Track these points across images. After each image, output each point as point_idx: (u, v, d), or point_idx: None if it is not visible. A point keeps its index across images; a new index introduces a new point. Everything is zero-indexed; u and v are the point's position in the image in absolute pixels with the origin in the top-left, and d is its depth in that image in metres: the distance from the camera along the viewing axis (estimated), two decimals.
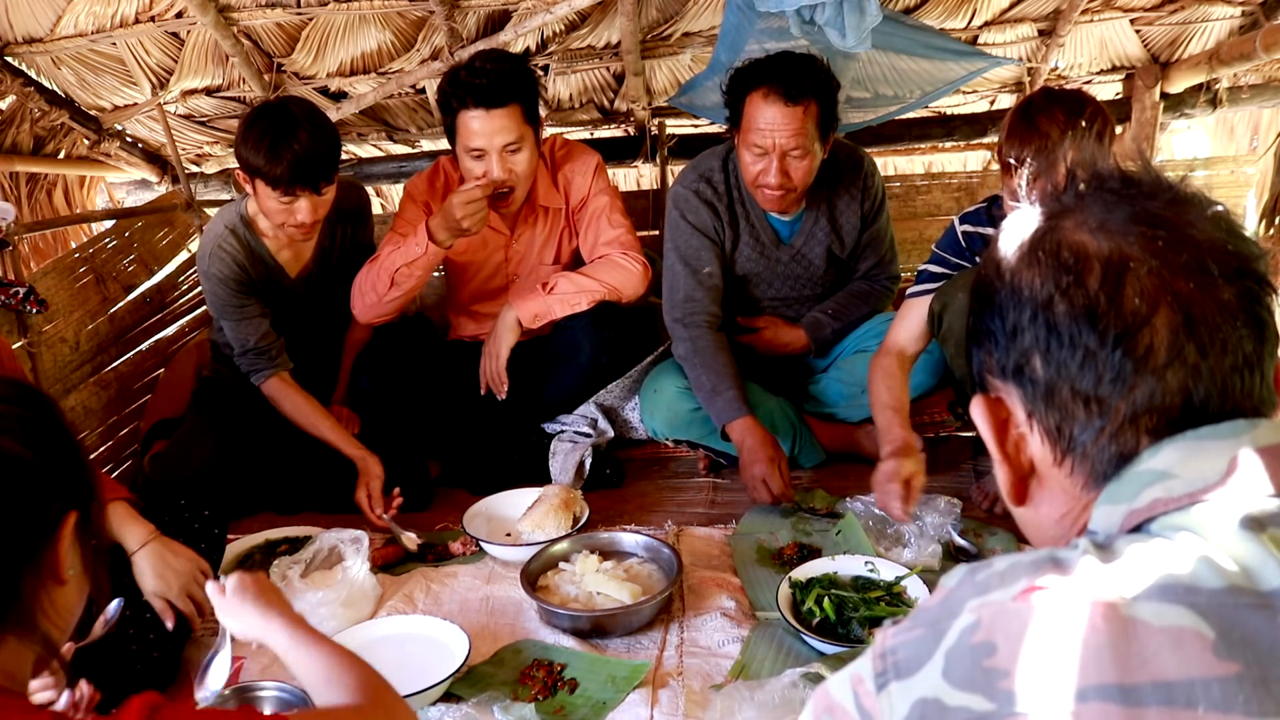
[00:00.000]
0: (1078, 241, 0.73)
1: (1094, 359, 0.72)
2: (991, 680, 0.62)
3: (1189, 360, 0.70)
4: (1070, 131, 1.84)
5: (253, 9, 2.99)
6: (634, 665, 1.69)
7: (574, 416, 2.65)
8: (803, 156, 2.28)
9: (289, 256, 2.57)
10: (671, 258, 2.50)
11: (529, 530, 2.14)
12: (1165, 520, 0.67)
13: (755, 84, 2.26)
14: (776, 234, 2.53)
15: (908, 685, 0.66)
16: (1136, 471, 0.71)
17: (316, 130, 2.29)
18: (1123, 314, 0.70)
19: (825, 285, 2.64)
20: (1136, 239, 0.72)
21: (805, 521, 2.21)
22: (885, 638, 0.70)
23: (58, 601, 0.97)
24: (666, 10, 3.13)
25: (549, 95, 3.50)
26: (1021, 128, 1.90)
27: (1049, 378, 0.74)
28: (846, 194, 2.53)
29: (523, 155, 2.47)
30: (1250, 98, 3.42)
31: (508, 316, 2.55)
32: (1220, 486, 0.66)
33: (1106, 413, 0.72)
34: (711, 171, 2.49)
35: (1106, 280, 0.71)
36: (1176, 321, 0.70)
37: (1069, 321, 0.72)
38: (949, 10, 3.15)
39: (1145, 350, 0.70)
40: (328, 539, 1.99)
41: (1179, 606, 0.60)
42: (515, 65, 2.46)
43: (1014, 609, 0.64)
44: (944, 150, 3.92)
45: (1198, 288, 0.70)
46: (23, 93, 3.12)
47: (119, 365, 3.02)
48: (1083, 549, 0.66)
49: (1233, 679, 0.57)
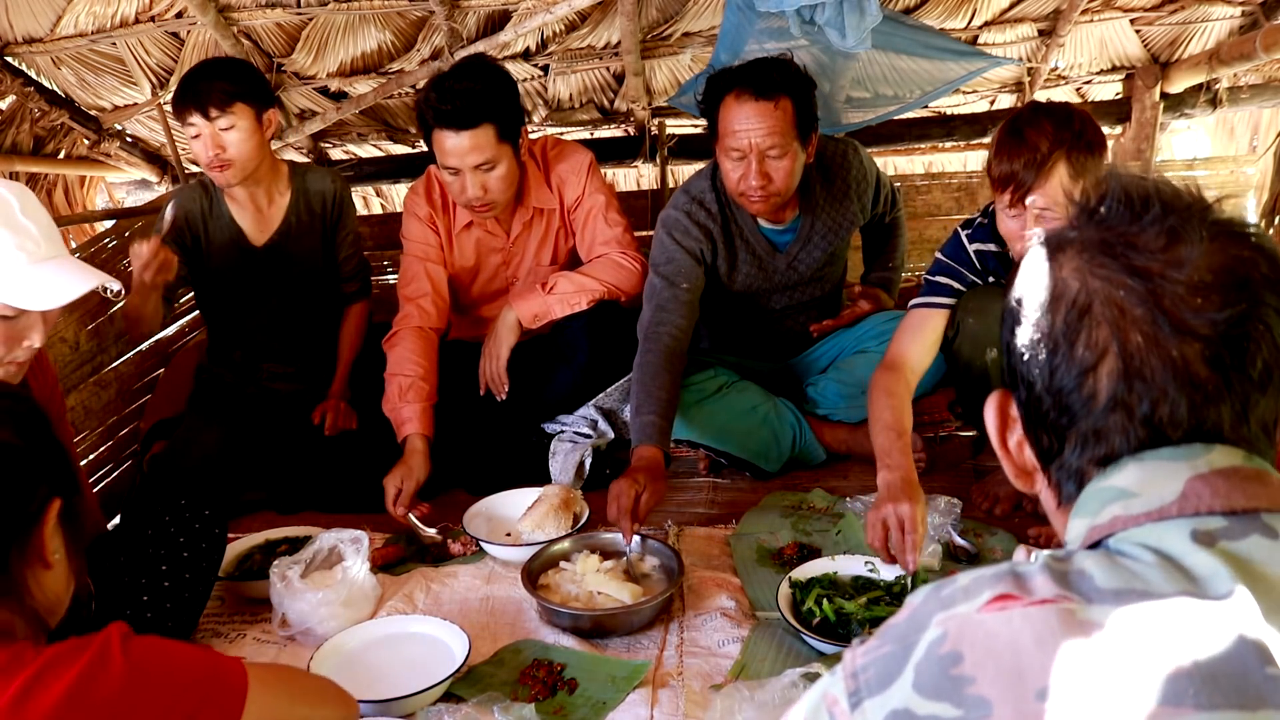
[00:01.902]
0: (1060, 278, 0.78)
1: (1051, 390, 0.77)
2: (959, 687, 0.65)
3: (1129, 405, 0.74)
4: (1060, 144, 1.81)
5: (253, 9, 3.00)
6: (634, 665, 1.69)
7: (574, 417, 2.65)
8: (781, 156, 2.23)
9: (252, 223, 2.65)
10: (651, 274, 2.46)
11: (529, 530, 2.14)
12: (1123, 535, 0.72)
13: (727, 88, 2.23)
14: (772, 245, 2.49)
15: (881, 700, 0.69)
16: (1100, 488, 0.75)
17: (219, 62, 2.43)
18: (1073, 356, 0.75)
19: (824, 289, 2.64)
20: (1102, 286, 0.75)
21: (805, 521, 2.21)
22: (855, 657, 0.73)
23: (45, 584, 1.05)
24: (666, 10, 3.13)
25: (549, 95, 3.50)
26: (1010, 142, 1.87)
27: (1026, 394, 0.81)
28: (841, 192, 2.51)
29: (496, 173, 2.43)
30: (1250, 98, 3.42)
31: (508, 317, 2.55)
32: (1175, 506, 0.71)
33: (1062, 438, 0.78)
34: (703, 193, 2.44)
35: (1068, 321, 0.76)
36: (1118, 371, 0.74)
37: (1035, 352, 0.78)
38: (949, 10, 3.15)
39: (1088, 394, 0.75)
40: (328, 539, 1.99)
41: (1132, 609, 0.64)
42: (488, 83, 2.38)
43: (978, 620, 0.67)
44: (944, 150, 3.92)
45: (1145, 340, 0.73)
46: (23, 93, 3.13)
47: (119, 365, 3.02)
48: (1041, 562, 0.70)
49: (1182, 675, 0.61)
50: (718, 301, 2.57)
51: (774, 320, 2.64)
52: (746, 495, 2.41)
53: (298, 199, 2.67)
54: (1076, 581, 0.67)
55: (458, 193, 2.48)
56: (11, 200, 1.58)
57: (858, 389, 2.54)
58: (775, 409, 2.52)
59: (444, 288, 2.66)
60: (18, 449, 1.02)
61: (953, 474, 2.43)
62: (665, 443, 2.18)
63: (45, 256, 1.61)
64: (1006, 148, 1.87)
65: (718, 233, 2.45)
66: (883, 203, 2.64)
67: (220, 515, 1.99)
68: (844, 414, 2.57)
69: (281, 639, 1.86)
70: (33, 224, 1.60)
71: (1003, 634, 0.65)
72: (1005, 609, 0.66)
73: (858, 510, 2.14)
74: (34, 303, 1.58)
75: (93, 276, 1.66)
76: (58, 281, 1.61)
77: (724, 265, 2.49)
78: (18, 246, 1.57)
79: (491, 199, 2.48)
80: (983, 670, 0.64)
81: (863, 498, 2.19)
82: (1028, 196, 1.85)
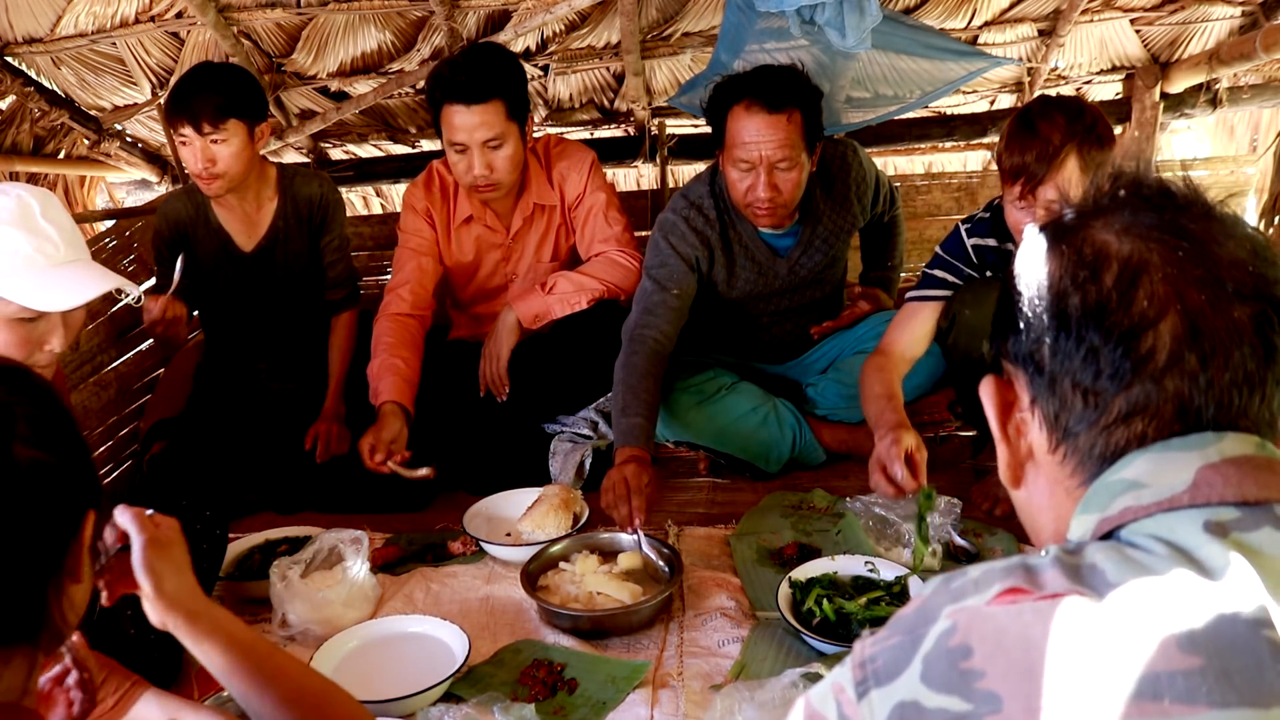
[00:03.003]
0: (1101, 240, 0.76)
1: (1097, 354, 0.74)
2: (968, 681, 0.64)
3: (1188, 369, 0.72)
4: (1071, 136, 1.83)
5: (253, 9, 3.00)
6: (634, 665, 1.69)
7: (574, 418, 2.65)
8: (790, 168, 2.23)
9: (240, 229, 2.62)
10: (644, 276, 2.45)
11: (529, 530, 2.14)
12: (1134, 527, 0.70)
13: (736, 98, 2.21)
14: (772, 250, 2.48)
15: (888, 691, 0.68)
16: (1109, 481, 0.74)
17: (215, 72, 2.39)
18: (1130, 314, 0.72)
19: (824, 291, 2.63)
20: (1158, 246, 0.74)
21: (805, 521, 2.21)
22: (864, 647, 0.72)
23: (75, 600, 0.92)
24: (666, 10, 3.13)
25: (549, 95, 3.50)
26: (1022, 134, 1.88)
27: (1054, 368, 0.77)
28: (842, 195, 2.50)
29: (504, 151, 2.46)
30: (1250, 98, 3.42)
31: (508, 318, 2.55)
32: (1187, 495, 0.69)
33: (1102, 407, 0.74)
34: (701, 199, 2.43)
35: (1121, 280, 0.73)
36: (1181, 330, 0.71)
37: (1080, 315, 0.75)
38: (949, 10, 3.15)
39: (1147, 352, 0.72)
40: (328, 539, 1.99)
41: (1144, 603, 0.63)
42: (499, 61, 2.44)
43: (988, 613, 0.66)
44: (944, 150, 3.92)
45: (1209, 301, 0.71)
46: (23, 93, 3.13)
47: (119, 365, 3.02)
48: (1053, 555, 0.69)
49: (1196, 672, 0.60)
50: (718, 305, 2.57)
51: (774, 323, 2.64)
52: (746, 495, 2.41)
53: (285, 204, 2.64)
54: (1088, 575, 0.66)
55: (463, 172, 2.48)
56: (33, 204, 1.60)
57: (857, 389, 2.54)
58: (775, 410, 2.51)
59: (429, 281, 2.66)
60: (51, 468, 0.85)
61: (953, 474, 2.43)
62: (651, 445, 2.20)
63: (65, 260, 1.62)
64: (1018, 140, 1.88)
65: (715, 239, 2.43)
66: (882, 202, 2.64)
67: (220, 515, 1.99)
68: (844, 414, 2.57)
69: (281, 639, 1.86)
70: (53, 227, 1.61)
71: (1013, 628, 0.64)
72: (1016, 602, 0.66)
73: (858, 510, 2.14)
74: (50, 304, 1.58)
75: (109, 280, 1.66)
76: (76, 284, 1.61)
77: (722, 272, 2.48)
78: (37, 249, 1.58)
79: (497, 179, 2.48)
80: (993, 665, 0.63)
81: (863, 498, 2.19)
82: (1039, 189, 1.86)
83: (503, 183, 2.51)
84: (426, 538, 2.27)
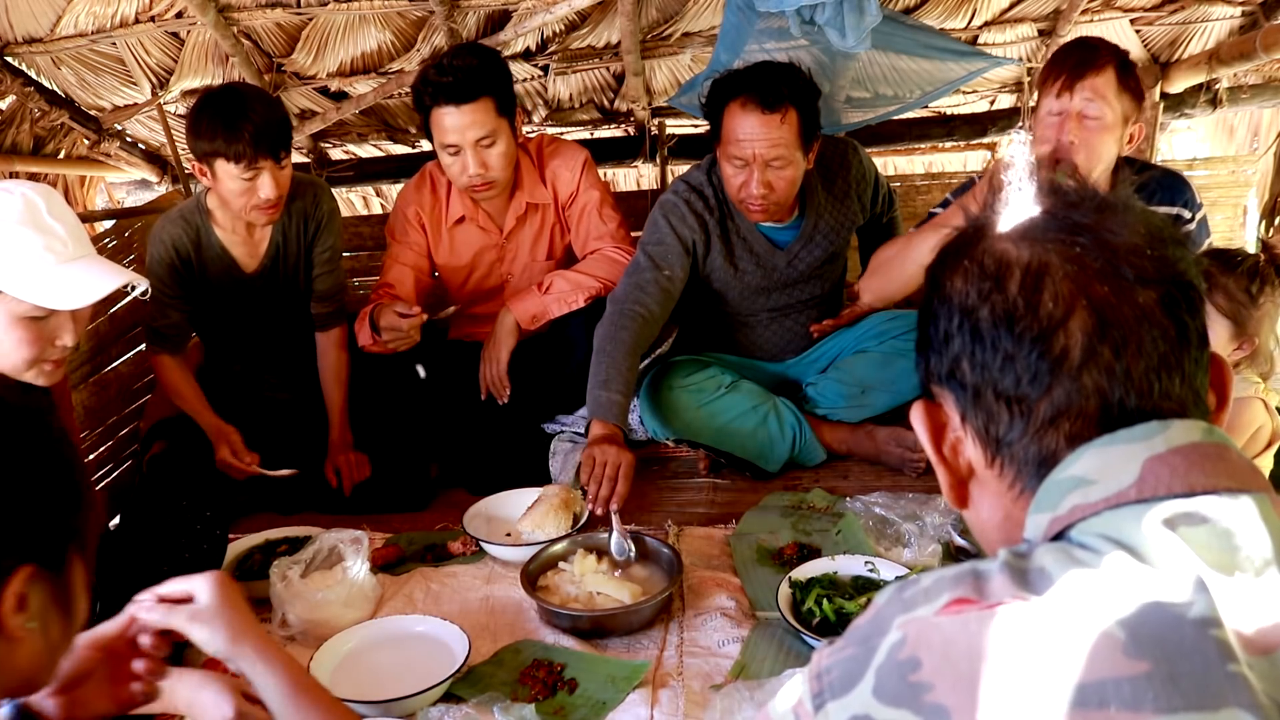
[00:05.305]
0: (1000, 250, 0.77)
1: (1013, 361, 0.74)
2: (917, 694, 0.63)
3: (1103, 361, 0.72)
4: (1114, 55, 2.01)
5: (253, 9, 3.00)
6: (634, 665, 1.69)
7: (574, 417, 2.65)
8: (784, 167, 2.24)
9: (243, 250, 2.52)
10: (639, 251, 2.46)
11: (529, 530, 2.14)
12: (1083, 526, 0.70)
13: (732, 94, 2.23)
14: (771, 243, 2.49)
15: (844, 704, 0.68)
16: (1058, 479, 0.73)
17: (267, 104, 2.33)
18: (1039, 317, 0.73)
19: (824, 288, 2.63)
20: (1055, 246, 0.75)
21: (805, 521, 2.21)
22: (820, 658, 0.72)
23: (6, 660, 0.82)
24: (666, 10, 3.13)
25: (549, 95, 3.50)
26: (1069, 45, 2.09)
27: (975, 380, 0.77)
28: (842, 192, 2.52)
29: (496, 149, 2.46)
30: (1250, 98, 3.42)
31: (506, 320, 2.55)
32: (1134, 489, 0.68)
33: (1028, 413, 0.75)
34: (701, 185, 2.44)
35: (1024, 285, 0.74)
36: (1090, 324, 0.72)
37: (990, 325, 0.75)
38: (949, 10, 3.15)
39: (1061, 351, 0.73)
40: (328, 539, 1.99)
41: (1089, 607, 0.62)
42: (485, 59, 2.44)
43: (936, 623, 0.66)
44: (944, 150, 3.92)
45: (1112, 291, 0.72)
46: (23, 93, 3.12)
47: (119, 365, 3.02)
48: (1002, 559, 0.68)
49: (1142, 677, 0.59)
50: (718, 301, 2.57)
51: (774, 319, 2.64)
52: (746, 495, 2.41)
53: (283, 218, 2.55)
54: (1035, 580, 0.65)
55: (458, 173, 2.49)
56: (38, 201, 1.60)
57: (858, 389, 2.54)
58: (775, 409, 2.51)
59: (410, 285, 2.65)
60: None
61: None
62: (625, 423, 2.25)
63: (73, 256, 1.62)
64: (1064, 49, 2.10)
65: (714, 225, 2.45)
66: (880, 202, 2.65)
67: (220, 516, 1.99)
68: (844, 414, 2.57)
69: (281, 639, 1.86)
70: (59, 224, 1.61)
71: (960, 639, 0.64)
72: (962, 613, 0.65)
73: (858, 510, 2.14)
74: (62, 302, 1.58)
75: (120, 275, 1.66)
76: (86, 281, 1.61)
77: (720, 260, 2.49)
78: (45, 247, 1.58)
79: (492, 177, 2.49)
80: (940, 677, 0.63)
81: (863, 498, 2.19)
82: (1078, 84, 1.99)
83: (498, 180, 2.51)
84: (426, 538, 2.27)
